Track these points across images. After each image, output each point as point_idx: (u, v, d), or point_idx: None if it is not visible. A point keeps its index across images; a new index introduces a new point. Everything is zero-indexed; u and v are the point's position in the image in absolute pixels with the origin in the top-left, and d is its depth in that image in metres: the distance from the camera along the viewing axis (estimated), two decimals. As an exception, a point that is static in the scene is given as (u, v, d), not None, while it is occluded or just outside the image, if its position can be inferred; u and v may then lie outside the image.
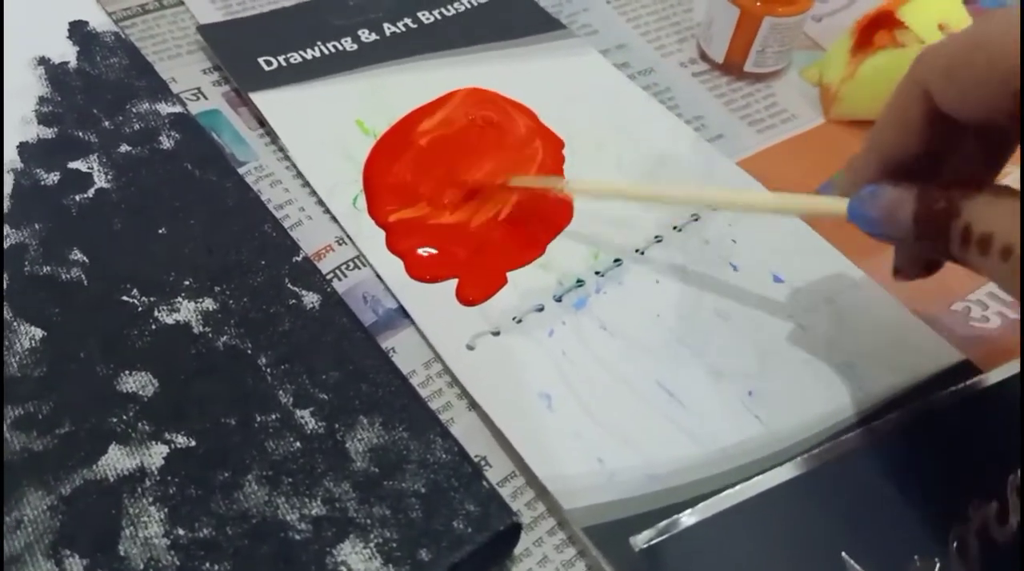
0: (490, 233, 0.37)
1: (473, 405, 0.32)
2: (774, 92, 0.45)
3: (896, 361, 0.34)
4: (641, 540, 0.28)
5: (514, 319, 0.34)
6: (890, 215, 0.27)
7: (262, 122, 0.40)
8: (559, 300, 0.35)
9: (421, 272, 0.35)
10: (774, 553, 0.28)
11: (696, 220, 0.38)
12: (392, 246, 0.36)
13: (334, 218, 0.37)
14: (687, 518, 0.29)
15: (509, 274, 0.36)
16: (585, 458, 0.30)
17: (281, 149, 0.39)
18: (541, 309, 0.34)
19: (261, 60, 0.42)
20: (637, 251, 0.37)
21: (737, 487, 0.30)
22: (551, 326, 0.34)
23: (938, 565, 0.28)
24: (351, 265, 0.35)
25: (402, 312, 0.34)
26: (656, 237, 0.37)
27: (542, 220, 0.37)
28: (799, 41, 0.45)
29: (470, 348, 0.33)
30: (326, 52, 0.43)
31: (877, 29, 0.43)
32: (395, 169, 0.39)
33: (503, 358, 0.33)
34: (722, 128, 0.42)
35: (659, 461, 0.30)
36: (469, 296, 0.35)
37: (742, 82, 0.45)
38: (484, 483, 0.28)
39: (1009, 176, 0.37)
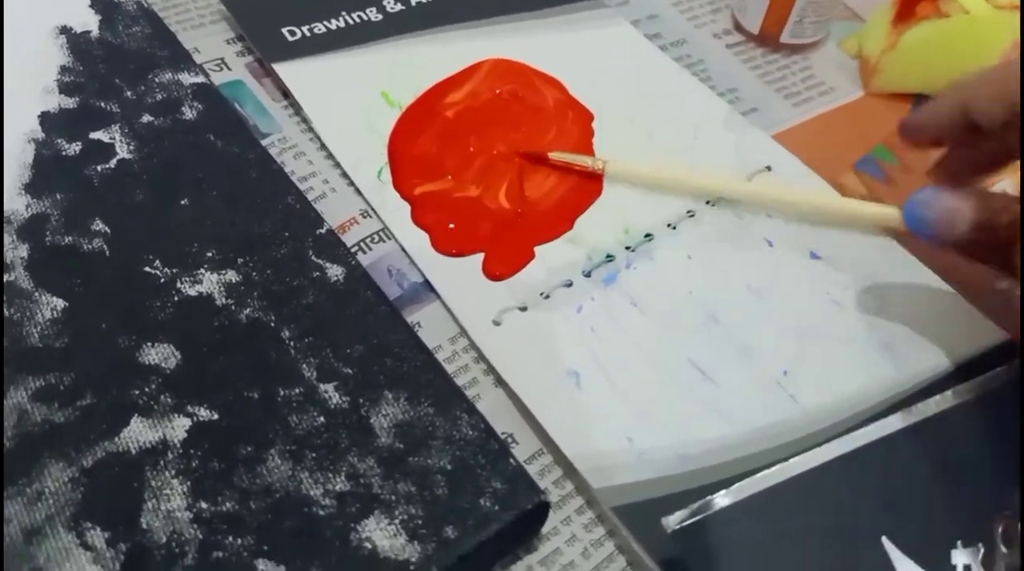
0: (518, 206, 0.36)
1: (500, 382, 0.31)
2: (811, 64, 0.43)
3: (937, 341, 0.32)
4: (673, 521, 0.27)
5: (542, 294, 0.33)
6: (947, 220, 0.27)
7: (286, 93, 0.39)
8: (588, 275, 0.34)
9: (447, 246, 0.34)
10: (811, 537, 0.27)
11: (729, 195, 0.37)
12: (417, 219, 0.35)
13: (358, 191, 0.36)
14: (720, 499, 0.28)
15: (537, 249, 0.35)
16: (615, 437, 0.29)
17: (305, 121, 0.38)
18: (570, 285, 0.34)
19: (285, 30, 0.41)
20: (669, 226, 0.36)
21: (773, 468, 0.29)
22: (580, 302, 0.33)
23: (982, 551, 0.27)
24: (376, 238, 0.35)
25: (427, 286, 0.33)
26: (688, 212, 0.36)
27: (571, 193, 0.37)
28: (838, 11, 0.44)
29: (496, 323, 0.32)
30: (351, 22, 0.43)
31: (919, -1, 0.42)
32: (421, 142, 0.38)
33: (530, 334, 0.32)
34: (757, 101, 0.41)
35: (690, 441, 0.29)
36: (496, 270, 0.34)
37: (778, 54, 0.44)
38: (511, 460, 0.27)
39: (1001, 182, 0.36)
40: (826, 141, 0.40)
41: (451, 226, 0.35)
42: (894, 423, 0.30)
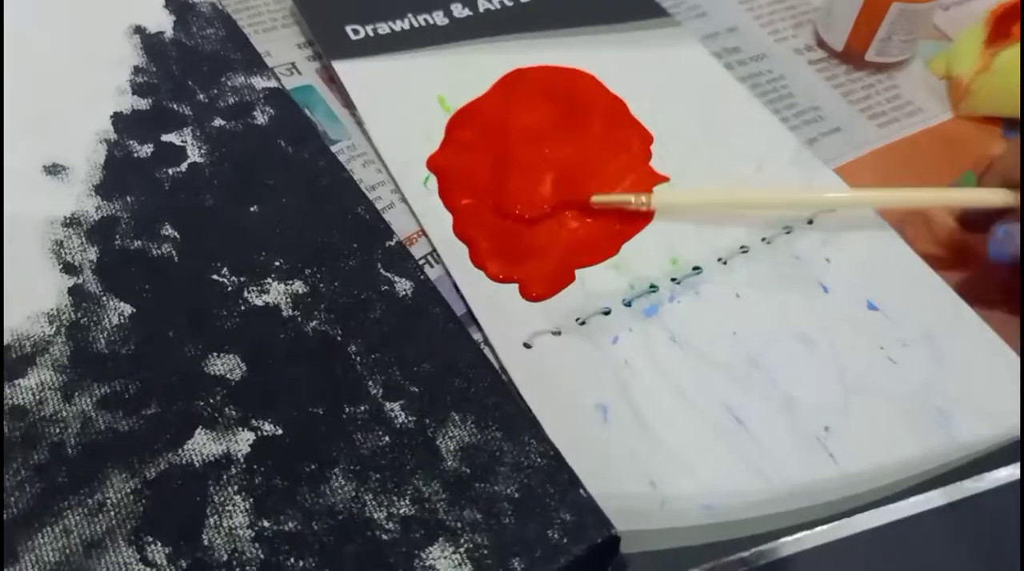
0: (562, 226, 0.35)
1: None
2: (897, 84, 0.42)
3: (996, 412, 0.30)
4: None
5: (577, 320, 0.32)
6: None
7: (355, 99, 0.39)
8: (628, 305, 0.32)
9: (485, 260, 0.33)
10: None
11: (788, 233, 0.35)
12: (458, 231, 0.34)
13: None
14: (742, 559, 0.26)
15: (577, 272, 0.33)
16: (637, 479, 0.28)
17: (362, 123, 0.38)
18: (608, 313, 0.32)
19: (349, 28, 0.41)
20: (719, 260, 0.34)
21: (799, 535, 0.27)
22: (616, 332, 0.32)
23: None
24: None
25: (495, 303, 0.32)
26: (742, 247, 0.35)
27: (619, 217, 0.35)
28: (926, 30, 0.42)
29: (527, 346, 0.31)
30: (416, 24, 0.42)
31: (1014, 19, 0.40)
32: (467, 152, 0.37)
33: (561, 361, 0.31)
34: (840, 121, 0.40)
35: (718, 491, 0.28)
36: (533, 291, 0.33)
37: (862, 72, 0.42)
38: (581, 491, 0.26)
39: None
40: (912, 165, 0.38)
41: (491, 242, 0.34)
42: (937, 498, 0.28)
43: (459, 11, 0.43)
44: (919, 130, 0.40)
